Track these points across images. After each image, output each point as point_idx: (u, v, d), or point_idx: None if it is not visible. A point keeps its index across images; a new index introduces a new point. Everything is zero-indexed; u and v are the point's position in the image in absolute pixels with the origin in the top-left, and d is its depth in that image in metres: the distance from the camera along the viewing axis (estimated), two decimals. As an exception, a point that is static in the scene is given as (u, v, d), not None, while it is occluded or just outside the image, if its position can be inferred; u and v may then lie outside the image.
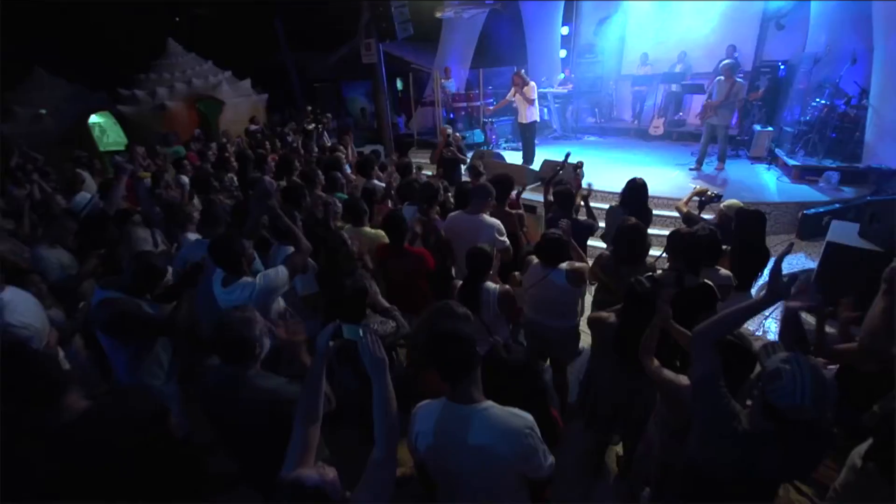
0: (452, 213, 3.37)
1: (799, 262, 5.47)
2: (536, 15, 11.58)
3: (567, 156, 4.32)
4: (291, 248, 2.73)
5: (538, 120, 8.00)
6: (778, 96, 8.68)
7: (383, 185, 4.98)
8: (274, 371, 1.93)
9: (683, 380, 1.92)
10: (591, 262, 3.17)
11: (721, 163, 7.39)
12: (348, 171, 5.83)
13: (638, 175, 4.05)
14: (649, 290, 2.28)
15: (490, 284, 2.67)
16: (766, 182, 6.84)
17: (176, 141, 8.99)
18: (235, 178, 6.16)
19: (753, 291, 4.45)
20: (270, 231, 2.97)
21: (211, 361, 1.89)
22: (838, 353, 2.65)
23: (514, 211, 3.80)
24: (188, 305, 2.46)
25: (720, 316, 1.63)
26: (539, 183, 7.19)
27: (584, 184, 4.51)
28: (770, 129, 8.03)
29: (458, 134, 8.84)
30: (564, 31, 11.80)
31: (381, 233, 3.42)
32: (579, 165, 4.28)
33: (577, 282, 2.90)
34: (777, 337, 2.63)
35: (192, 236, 3.46)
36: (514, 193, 4.14)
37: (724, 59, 9.21)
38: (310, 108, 9.32)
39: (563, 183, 4.01)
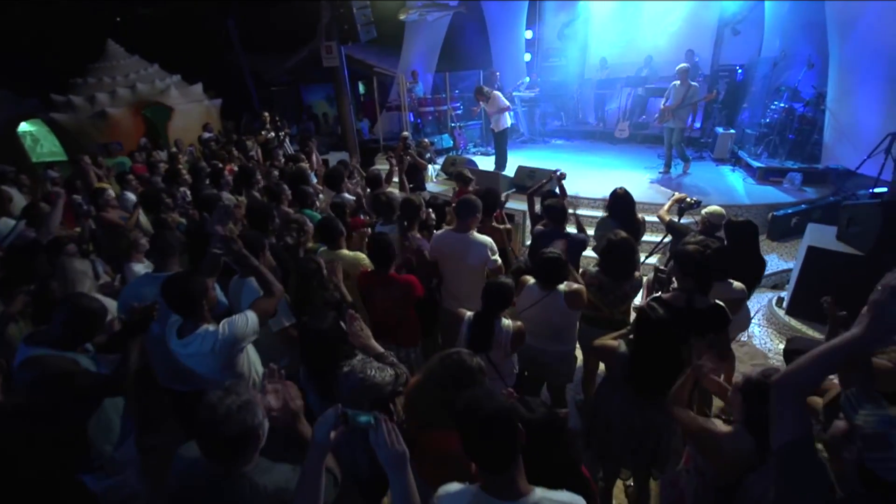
0: (439, 233, 3.09)
1: (772, 262, 5.55)
2: (500, 18, 11.51)
3: (556, 173, 4.14)
4: (256, 282, 2.36)
5: (509, 126, 7.85)
6: (737, 99, 8.95)
7: (352, 197, 4.64)
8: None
9: (721, 427, 1.73)
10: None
11: (686, 163, 7.48)
12: (314, 181, 5.46)
13: (611, 180, 4.01)
14: (663, 318, 2.09)
15: (505, 321, 2.42)
16: (734, 184, 6.97)
17: (120, 151, 8.25)
18: (188, 193, 5.64)
19: (752, 304, 4.46)
20: (232, 261, 2.60)
21: (184, 451, 1.46)
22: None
23: (501, 226, 3.57)
24: (137, 356, 2.06)
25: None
26: (514, 189, 7.04)
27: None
28: (732, 131, 8.24)
29: (425, 140, 8.59)
30: (528, 34, 11.79)
31: (361, 255, 3.10)
32: (561, 176, 4.11)
33: (577, 304, 2.70)
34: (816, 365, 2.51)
35: (140, 267, 3.02)
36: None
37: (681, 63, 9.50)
38: (267, 113, 8.76)
39: (552, 194, 3.82)
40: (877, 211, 3.74)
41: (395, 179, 5.23)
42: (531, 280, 2.80)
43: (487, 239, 2.98)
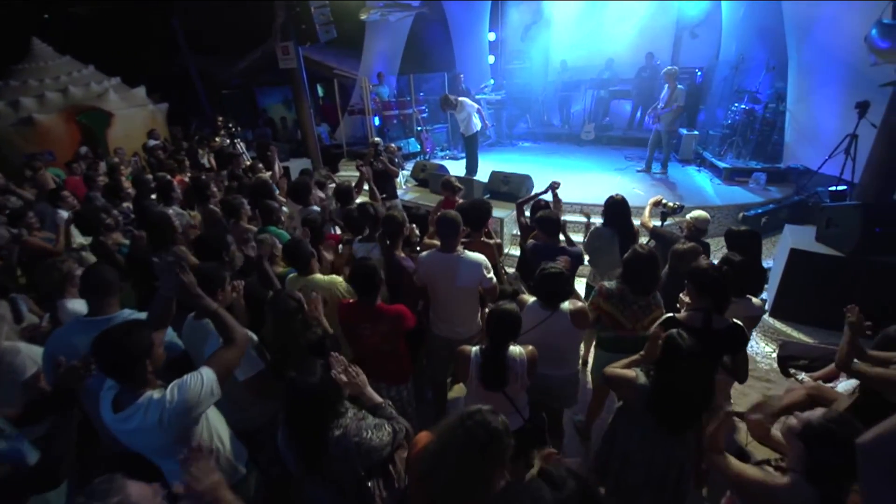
0: (425, 255, 2.78)
1: (746, 263, 5.59)
2: (462, 20, 11.32)
3: (552, 185, 3.94)
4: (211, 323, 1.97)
5: (479, 129, 7.63)
6: (697, 101, 9.15)
7: (319, 209, 4.26)
8: None
9: (778, 479, 1.52)
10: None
11: (663, 168, 7.54)
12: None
13: (586, 182, 3.82)
14: (694, 347, 1.89)
15: (515, 350, 2.15)
16: (703, 185, 7.05)
17: (51, 162, 7.42)
18: (132, 208, 5.05)
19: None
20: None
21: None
22: (872, 377, 2.48)
23: (491, 241, 3.30)
24: (73, 430, 1.63)
25: None
26: (488, 195, 6.83)
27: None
28: (696, 132, 8.39)
29: (392, 145, 8.25)
30: (491, 36, 11.67)
31: (337, 280, 2.75)
32: (556, 185, 3.91)
33: (584, 323, 2.48)
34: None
35: (76, 304, 2.53)
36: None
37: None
38: (221, 118, 8.14)
39: (543, 205, 3.59)
40: (856, 213, 3.76)
41: (366, 187, 4.89)
42: (530, 299, 2.55)
43: (479, 257, 2.71)
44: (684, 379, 1.91)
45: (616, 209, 3.45)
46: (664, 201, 4.35)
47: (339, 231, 4.05)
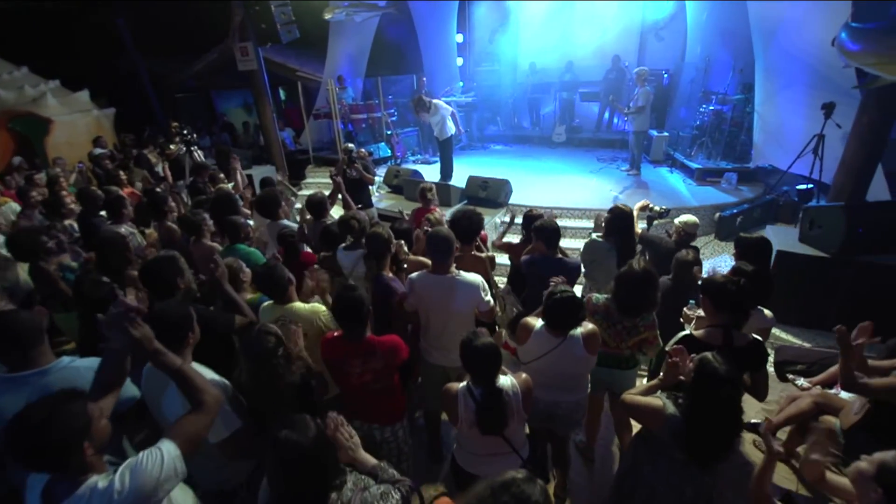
0: (416, 277, 2.51)
1: (726, 262, 5.61)
2: (429, 21, 11.08)
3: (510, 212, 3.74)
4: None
5: (454, 132, 7.41)
6: (665, 102, 9.28)
7: (293, 224, 3.91)
8: None
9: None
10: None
11: (636, 170, 7.56)
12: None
13: (565, 186, 3.61)
14: (732, 373, 1.72)
15: (507, 382, 1.91)
16: (678, 186, 7.10)
17: (-21, 175, 6.66)
18: (76, 226, 4.52)
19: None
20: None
21: None
22: (878, 389, 2.40)
23: (483, 254, 3.07)
24: None
25: None
26: (465, 202, 6.62)
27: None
28: (665, 133, 8.49)
29: (363, 150, 7.91)
30: (459, 38, 11.50)
31: (318, 308, 2.44)
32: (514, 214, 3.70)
33: (596, 347, 2.28)
34: None
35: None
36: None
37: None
38: (175, 124, 7.51)
39: (537, 215, 3.37)
40: (840, 214, 3.77)
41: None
42: (536, 324, 2.32)
43: (476, 278, 2.46)
44: (721, 407, 1.74)
45: (620, 221, 3.29)
46: (651, 205, 4.27)
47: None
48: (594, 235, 3.48)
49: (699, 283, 3.41)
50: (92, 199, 4.52)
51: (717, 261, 5.81)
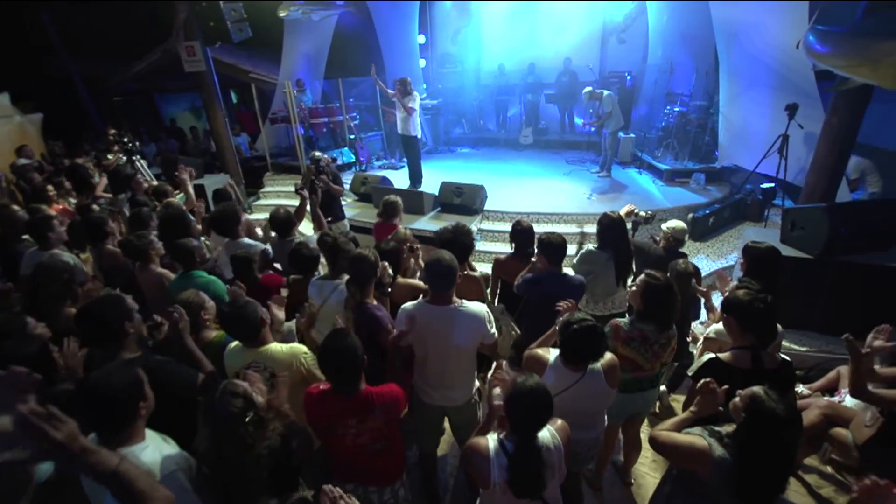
0: (412, 308, 2.19)
1: (701, 262, 5.62)
2: (389, 22, 10.71)
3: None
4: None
5: (420, 136, 7.09)
6: (629, 104, 9.37)
7: (261, 245, 3.49)
8: None
9: None
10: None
11: (607, 171, 7.54)
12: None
13: (538, 189, 3.33)
14: (791, 410, 1.52)
15: (547, 435, 1.64)
16: (649, 188, 7.11)
17: None
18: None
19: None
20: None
21: None
22: (890, 399, 2.31)
23: (476, 273, 2.79)
24: None
25: None
26: (439, 209, 6.34)
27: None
28: (632, 135, 8.55)
29: (326, 156, 7.45)
30: (421, 39, 11.21)
31: (299, 350, 2.08)
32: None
33: (617, 379, 2.05)
34: None
35: None
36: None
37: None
38: (113, 131, 6.74)
39: (524, 227, 3.12)
40: (823, 215, 3.76)
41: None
42: (550, 356, 2.06)
43: (480, 309, 2.16)
44: (779, 449, 1.54)
45: (612, 230, 3.09)
46: (636, 211, 4.14)
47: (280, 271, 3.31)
48: (590, 246, 3.28)
49: (698, 295, 3.35)
50: (13, 222, 3.88)
51: (694, 262, 5.82)
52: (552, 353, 2.05)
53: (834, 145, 4.51)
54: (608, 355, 2.06)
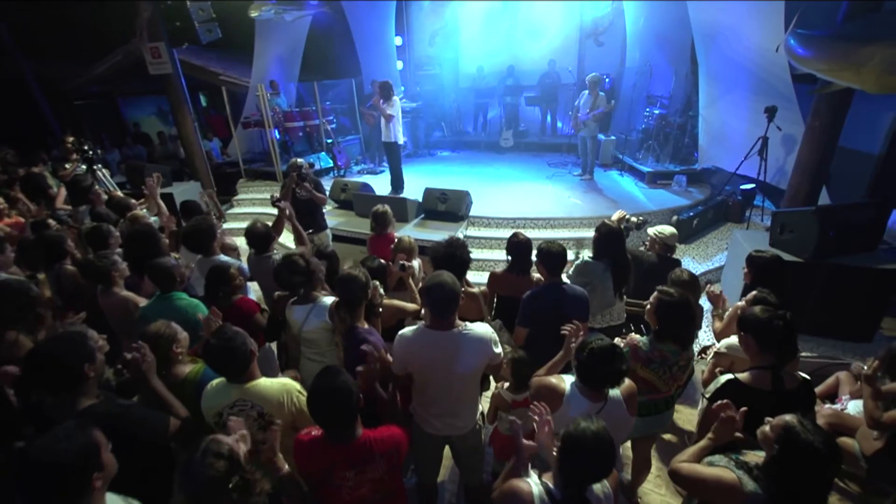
0: (410, 335, 1.99)
1: (686, 264, 5.61)
2: (365, 23, 10.48)
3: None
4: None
5: (401, 142, 6.91)
6: (609, 101, 9.38)
7: (236, 262, 3.24)
8: None
9: None
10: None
11: (589, 174, 7.50)
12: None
13: (522, 193, 3.11)
14: (829, 443, 1.41)
15: (599, 488, 1.48)
16: (632, 190, 7.10)
17: None
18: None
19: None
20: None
21: None
22: None
23: (473, 289, 2.63)
24: None
25: None
26: (423, 216, 6.16)
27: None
28: (612, 137, 8.56)
29: (304, 161, 7.17)
30: (398, 41, 11.01)
31: (291, 385, 1.87)
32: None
33: (636, 406, 1.92)
34: None
35: None
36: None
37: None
38: (71, 138, 6.23)
39: (521, 240, 2.97)
40: (813, 218, 3.76)
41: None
42: (565, 385, 1.91)
43: (485, 330, 2.00)
44: (815, 483, 1.43)
45: (610, 239, 2.98)
46: (628, 217, 4.07)
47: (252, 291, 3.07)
48: (586, 256, 3.16)
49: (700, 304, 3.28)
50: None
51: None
52: (567, 381, 1.91)
53: (817, 148, 4.56)
54: (626, 381, 1.92)
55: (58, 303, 3.26)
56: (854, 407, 2.81)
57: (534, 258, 2.78)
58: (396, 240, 3.28)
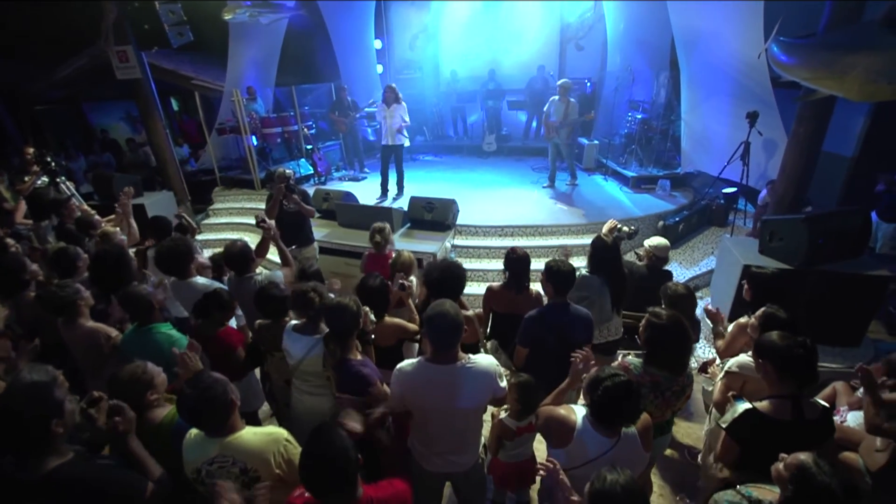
0: (410, 369, 1.85)
1: (673, 268, 5.61)
2: (343, 26, 10.25)
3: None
4: None
5: (407, 144, 6.90)
6: (590, 111, 9.39)
7: (215, 284, 3.04)
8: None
9: None
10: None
11: (573, 178, 7.47)
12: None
13: (509, 200, 3.03)
14: (851, 493, 1.33)
15: None
16: (617, 195, 7.09)
17: None
18: None
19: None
20: None
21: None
22: None
23: (469, 312, 2.50)
24: None
25: None
26: (409, 225, 5.99)
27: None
28: (595, 142, 8.57)
29: (285, 169, 6.92)
30: (378, 44, 10.82)
31: (278, 434, 1.70)
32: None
33: (651, 442, 1.82)
34: None
35: None
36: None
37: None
38: (31, 149, 5.77)
39: (520, 255, 2.86)
40: (803, 226, 3.76)
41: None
42: (577, 418, 1.80)
43: (490, 362, 1.87)
44: None
45: (605, 253, 2.89)
46: (620, 226, 4.01)
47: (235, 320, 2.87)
48: (582, 270, 3.07)
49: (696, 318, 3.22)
50: None
51: (668, 269, 5.83)
52: (578, 413, 1.79)
53: (801, 154, 4.60)
54: (644, 415, 1.82)
55: (17, 331, 3.00)
56: (854, 419, 2.79)
57: (534, 270, 2.67)
58: (395, 254, 3.13)
